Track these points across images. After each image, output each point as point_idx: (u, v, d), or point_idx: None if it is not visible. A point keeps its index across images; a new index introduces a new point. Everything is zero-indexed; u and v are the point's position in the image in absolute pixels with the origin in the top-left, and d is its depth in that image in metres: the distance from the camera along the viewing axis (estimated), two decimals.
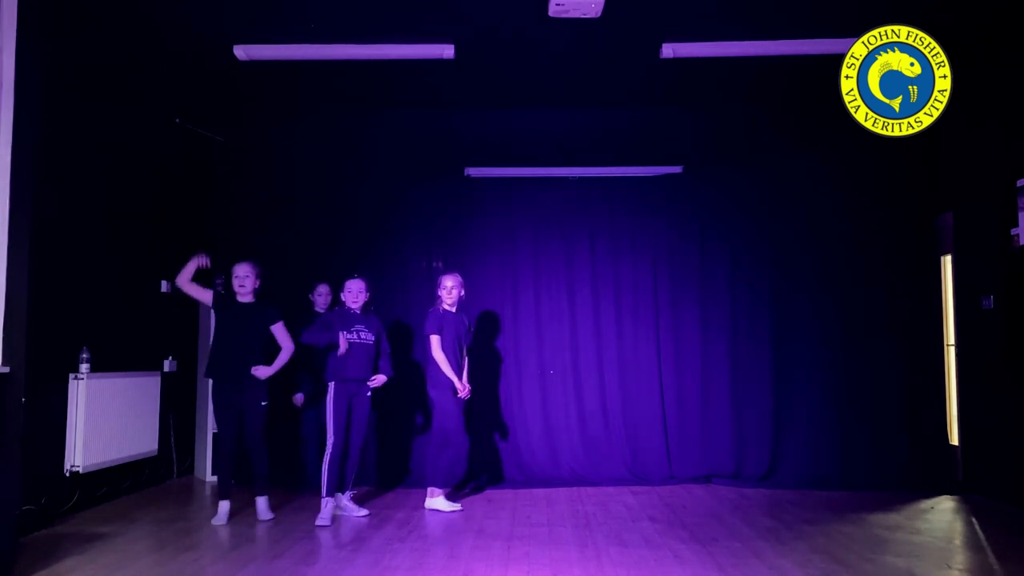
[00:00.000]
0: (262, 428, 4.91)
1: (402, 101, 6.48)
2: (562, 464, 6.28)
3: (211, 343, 5.03)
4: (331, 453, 4.91)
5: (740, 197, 6.48)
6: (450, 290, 5.28)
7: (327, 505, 4.86)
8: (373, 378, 5.07)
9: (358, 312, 5.07)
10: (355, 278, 5.10)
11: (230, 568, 3.80)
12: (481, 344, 6.36)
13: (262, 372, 4.85)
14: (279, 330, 4.96)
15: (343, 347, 4.90)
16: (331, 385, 4.99)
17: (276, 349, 4.95)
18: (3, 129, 3.77)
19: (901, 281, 6.24)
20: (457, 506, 5.24)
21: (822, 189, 6.41)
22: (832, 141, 6.31)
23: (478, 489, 5.94)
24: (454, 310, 5.33)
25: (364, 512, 5.05)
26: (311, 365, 5.58)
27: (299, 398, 5.79)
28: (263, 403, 4.90)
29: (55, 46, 4.68)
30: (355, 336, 5.00)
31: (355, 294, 5.05)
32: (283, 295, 5.97)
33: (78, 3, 4.87)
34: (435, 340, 5.21)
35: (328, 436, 4.95)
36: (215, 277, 5.81)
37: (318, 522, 4.76)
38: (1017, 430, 5.25)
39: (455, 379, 5.20)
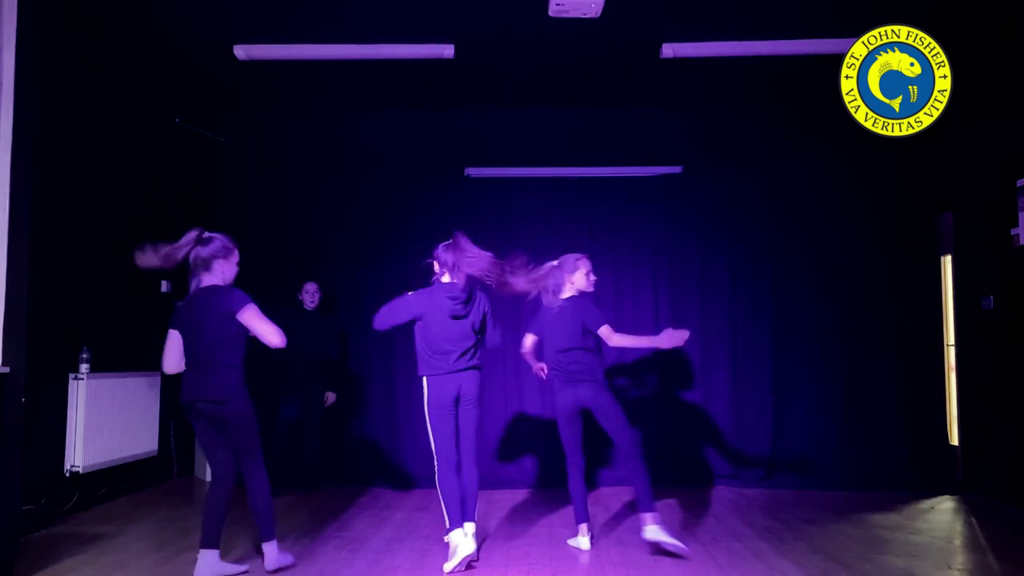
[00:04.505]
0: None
1: (402, 101, 6.47)
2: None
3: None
4: (441, 468, 3.97)
5: (740, 197, 6.47)
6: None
7: (462, 537, 3.81)
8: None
9: None
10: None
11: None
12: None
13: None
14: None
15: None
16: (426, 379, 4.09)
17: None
18: (3, 129, 3.77)
19: (901, 281, 6.23)
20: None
21: (822, 189, 6.41)
22: (832, 141, 6.30)
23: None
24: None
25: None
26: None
27: (330, 397, 5.84)
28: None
29: (55, 46, 4.68)
30: None
31: None
32: (282, 295, 5.99)
33: (78, 3, 4.86)
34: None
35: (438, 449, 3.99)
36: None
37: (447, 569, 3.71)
38: (1017, 430, 5.25)
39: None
